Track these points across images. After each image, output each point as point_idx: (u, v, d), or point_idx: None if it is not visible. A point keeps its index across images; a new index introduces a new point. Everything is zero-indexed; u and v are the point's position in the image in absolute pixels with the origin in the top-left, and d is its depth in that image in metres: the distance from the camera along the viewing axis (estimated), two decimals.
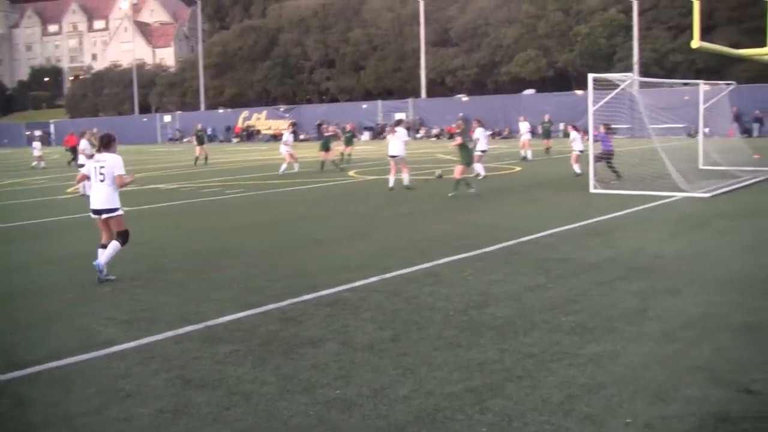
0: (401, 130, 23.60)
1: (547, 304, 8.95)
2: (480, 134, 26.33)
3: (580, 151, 25.95)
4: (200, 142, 39.94)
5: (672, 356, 7.02)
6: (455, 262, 11.65)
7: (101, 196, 11.18)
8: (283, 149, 32.34)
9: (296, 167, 31.79)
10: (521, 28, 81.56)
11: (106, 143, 11.46)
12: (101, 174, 11.15)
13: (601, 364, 6.83)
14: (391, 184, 22.70)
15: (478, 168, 25.39)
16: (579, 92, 60.58)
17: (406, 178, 22.78)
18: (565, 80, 78.08)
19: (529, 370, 6.70)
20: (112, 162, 11.20)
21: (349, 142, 37.07)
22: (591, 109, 21.67)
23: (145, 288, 10.57)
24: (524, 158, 34.45)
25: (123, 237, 11.20)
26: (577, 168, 25.43)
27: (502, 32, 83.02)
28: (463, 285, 10.06)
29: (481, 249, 12.60)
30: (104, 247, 11.14)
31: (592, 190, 20.74)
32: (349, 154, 36.70)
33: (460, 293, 9.59)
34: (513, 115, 45.99)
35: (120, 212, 11.29)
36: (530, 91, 74.12)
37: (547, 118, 37.37)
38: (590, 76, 21.75)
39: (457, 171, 20.83)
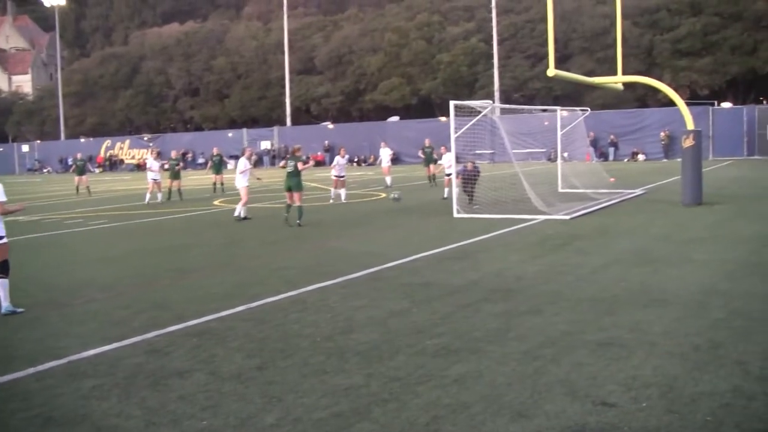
0: (241, 160, 23.77)
1: (412, 328, 9.10)
2: (337, 161, 28.34)
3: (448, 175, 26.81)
4: (80, 173, 39.08)
5: (533, 374, 7.25)
6: (321, 290, 11.70)
7: None
8: (150, 176, 31.79)
9: (159, 197, 31.27)
10: (385, 56, 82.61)
11: None
12: None
13: (465, 384, 6.99)
14: (235, 213, 22.83)
15: (341, 193, 25.90)
16: (443, 119, 61.70)
17: (238, 208, 22.80)
18: (429, 107, 79.40)
19: (395, 393, 6.80)
20: None
21: (217, 169, 36.54)
22: (453, 135, 22.13)
23: (1, 324, 10.21)
24: (387, 186, 34.52)
25: (3, 267, 10.76)
26: (446, 192, 26.27)
27: (366, 60, 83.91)
28: (328, 312, 10.12)
29: (346, 276, 12.70)
30: None
31: (456, 215, 21.16)
32: (222, 183, 36.32)
33: (325, 320, 9.64)
34: (378, 142, 46.40)
35: (5, 240, 10.88)
36: (394, 119, 75.12)
37: (427, 142, 37.01)
38: (452, 103, 22.22)
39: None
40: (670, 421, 6.00)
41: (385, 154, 36.90)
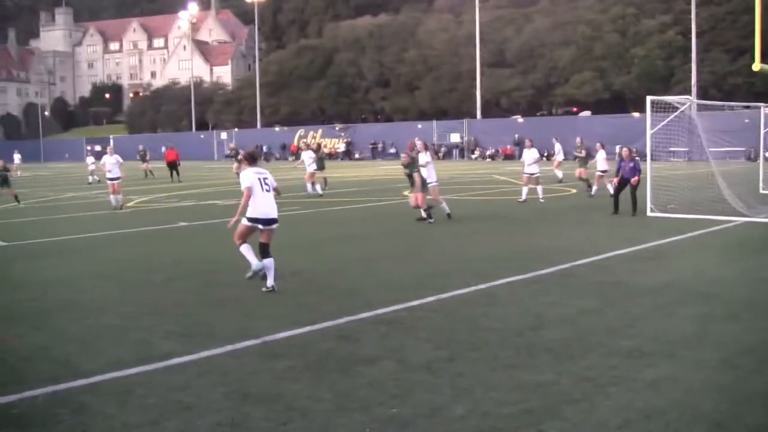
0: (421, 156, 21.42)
1: (603, 327, 8.89)
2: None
3: (603, 171, 26.89)
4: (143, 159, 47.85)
5: (732, 383, 6.93)
6: (510, 284, 11.62)
7: (274, 206, 11.51)
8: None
9: (317, 188, 30.07)
10: (577, 49, 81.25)
11: (256, 157, 11.88)
12: (266, 185, 11.41)
13: (659, 389, 6.76)
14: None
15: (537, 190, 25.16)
16: (636, 114, 60.04)
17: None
18: (621, 102, 77.51)
19: (586, 394, 6.66)
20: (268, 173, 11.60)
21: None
22: (649, 131, 21.45)
23: (202, 303, 10.69)
24: (560, 180, 34.21)
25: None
26: (593, 189, 26.90)
27: (558, 54, 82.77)
28: (518, 306, 10.03)
29: (536, 271, 12.54)
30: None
31: (649, 213, 20.51)
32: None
33: (515, 315, 9.56)
34: (569, 137, 45.45)
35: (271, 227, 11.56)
36: (586, 113, 73.75)
37: (578, 141, 35.54)
38: (648, 99, 21.54)
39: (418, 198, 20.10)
40: None
41: (558, 149, 36.54)
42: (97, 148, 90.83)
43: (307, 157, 31.08)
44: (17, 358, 8.20)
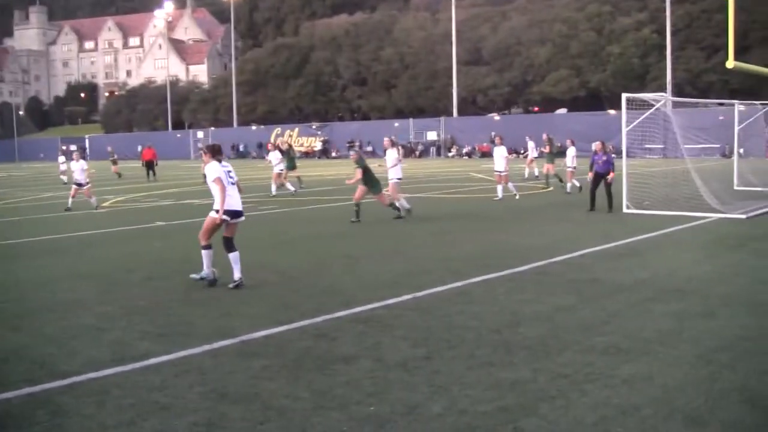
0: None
1: (579, 324, 8.93)
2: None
3: (573, 168, 27.42)
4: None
5: (707, 379, 6.98)
6: (486, 282, 11.65)
7: (240, 199, 11.82)
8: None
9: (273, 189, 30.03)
10: (553, 47, 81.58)
11: (220, 151, 11.90)
12: (231, 177, 11.63)
13: (635, 385, 6.80)
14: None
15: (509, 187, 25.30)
16: (612, 112, 60.37)
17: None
18: (597, 100, 77.90)
19: (563, 391, 6.68)
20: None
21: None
22: (624, 129, 21.57)
23: (180, 302, 10.66)
24: (536, 177, 34.81)
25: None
26: (568, 186, 27.38)
27: (534, 52, 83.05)
28: (494, 304, 10.06)
29: (512, 269, 12.58)
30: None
31: (625, 210, 20.63)
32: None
33: (491, 312, 9.59)
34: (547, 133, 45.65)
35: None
36: (562, 111, 74.06)
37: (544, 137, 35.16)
38: (624, 96, 21.66)
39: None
40: None
41: (531, 147, 37.97)
42: (72, 147, 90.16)
43: (274, 157, 30.61)
44: None
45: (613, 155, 21.58)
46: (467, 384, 6.91)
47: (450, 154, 72.37)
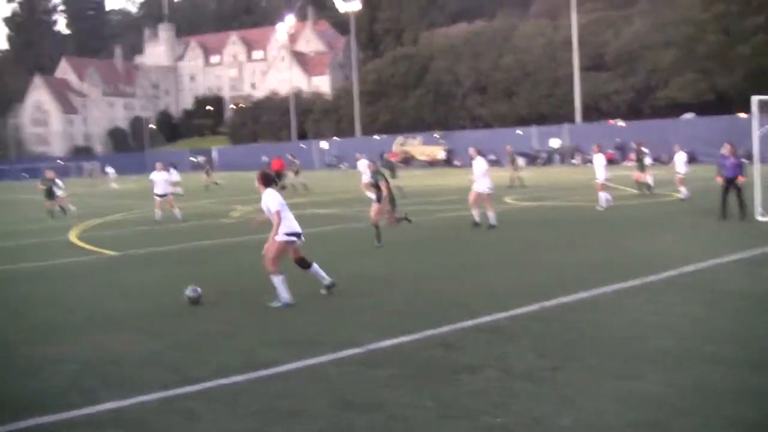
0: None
1: (712, 336, 8.63)
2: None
3: (683, 174, 26.96)
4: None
5: None
6: (615, 291, 11.38)
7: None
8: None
9: None
10: (678, 50, 79.44)
11: (273, 180, 12.07)
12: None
13: None
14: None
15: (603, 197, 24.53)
16: (742, 115, 58.37)
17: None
18: (727, 103, 75.43)
19: (697, 406, 6.46)
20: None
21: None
22: (756, 132, 20.76)
23: (306, 311, 10.79)
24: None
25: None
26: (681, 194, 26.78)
27: (659, 55, 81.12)
28: (623, 314, 9.82)
29: (641, 278, 12.23)
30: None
31: (758, 218, 19.82)
32: (519, 177, 37.43)
33: (620, 323, 9.37)
34: (672, 140, 44.39)
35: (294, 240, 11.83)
36: (689, 115, 72.04)
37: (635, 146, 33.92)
38: (754, 98, 20.84)
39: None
40: None
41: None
42: (200, 158, 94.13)
43: (363, 166, 28.52)
44: (132, 364, 8.44)
45: (743, 160, 20.81)
46: (595, 396, 6.76)
47: (574, 161, 71.14)
